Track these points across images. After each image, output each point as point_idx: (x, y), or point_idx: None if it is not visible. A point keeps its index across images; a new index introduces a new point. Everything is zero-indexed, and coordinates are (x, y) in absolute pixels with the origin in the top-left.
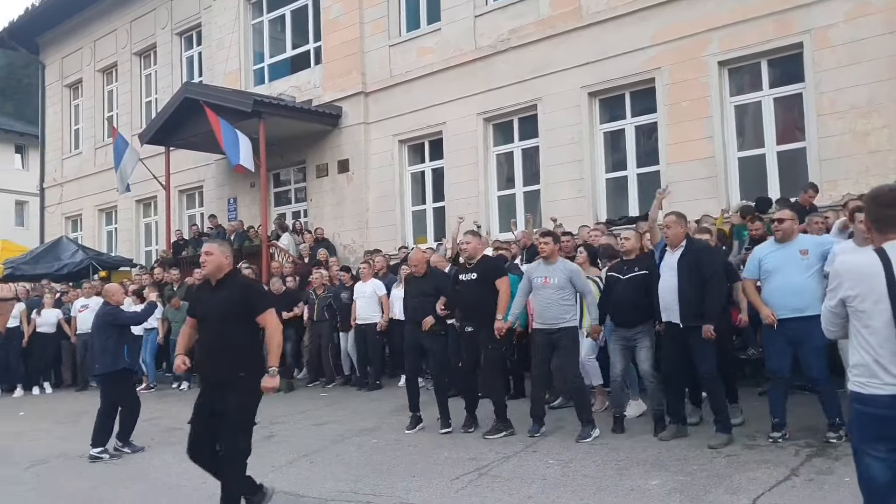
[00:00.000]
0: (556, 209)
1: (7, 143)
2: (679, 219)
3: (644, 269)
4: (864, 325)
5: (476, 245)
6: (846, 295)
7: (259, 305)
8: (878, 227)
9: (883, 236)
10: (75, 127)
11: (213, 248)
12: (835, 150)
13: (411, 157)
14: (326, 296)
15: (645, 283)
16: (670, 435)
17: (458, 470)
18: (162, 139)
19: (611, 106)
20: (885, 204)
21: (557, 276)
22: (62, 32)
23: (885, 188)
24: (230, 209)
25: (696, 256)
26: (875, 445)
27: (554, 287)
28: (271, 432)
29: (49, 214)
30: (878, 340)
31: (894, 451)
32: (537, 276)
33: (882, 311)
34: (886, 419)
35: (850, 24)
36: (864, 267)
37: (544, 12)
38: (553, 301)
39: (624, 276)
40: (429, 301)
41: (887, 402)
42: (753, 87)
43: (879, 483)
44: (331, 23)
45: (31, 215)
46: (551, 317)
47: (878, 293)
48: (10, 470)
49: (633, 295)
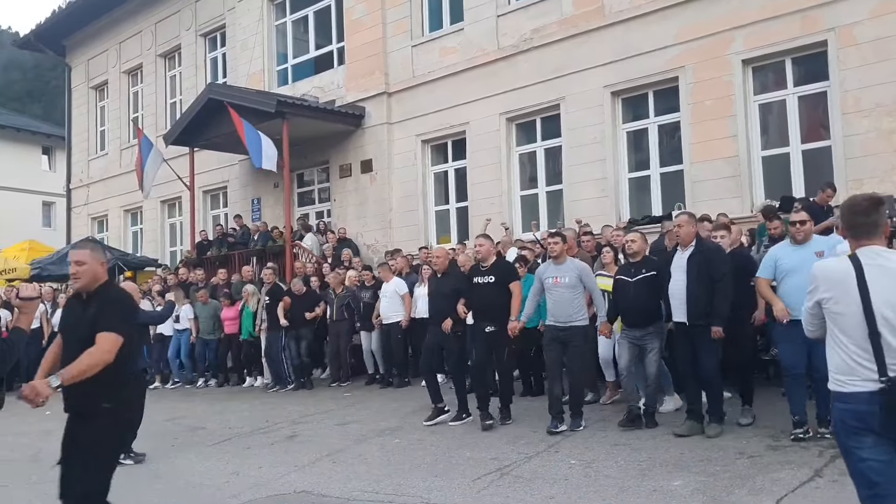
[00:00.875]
0: (578, 209)
1: (34, 144)
2: (691, 219)
3: (652, 271)
4: (839, 326)
5: (489, 248)
6: (822, 297)
7: (104, 322)
8: (853, 234)
9: (857, 242)
10: (101, 128)
11: (84, 257)
12: (860, 148)
13: (434, 156)
14: (345, 295)
15: (654, 285)
16: (687, 430)
17: (479, 470)
18: (186, 140)
19: (634, 105)
20: (859, 213)
21: (568, 275)
22: (88, 34)
23: (860, 198)
24: (254, 209)
25: (706, 257)
26: (860, 441)
27: (565, 286)
28: (294, 432)
29: (75, 215)
30: (853, 341)
31: (879, 444)
32: (549, 276)
33: (854, 313)
34: (867, 414)
35: (876, 21)
36: (839, 272)
37: (567, 11)
38: (565, 300)
39: (632, 278)
40: (447, 301)
41: (866, 399)
42: (778, 86)
43: (870, 477)
44: (354, 23)
45: (57, 216)
46: (563, 315)
47: (850, 296)
48: (38, 468)
49: (642, 297)
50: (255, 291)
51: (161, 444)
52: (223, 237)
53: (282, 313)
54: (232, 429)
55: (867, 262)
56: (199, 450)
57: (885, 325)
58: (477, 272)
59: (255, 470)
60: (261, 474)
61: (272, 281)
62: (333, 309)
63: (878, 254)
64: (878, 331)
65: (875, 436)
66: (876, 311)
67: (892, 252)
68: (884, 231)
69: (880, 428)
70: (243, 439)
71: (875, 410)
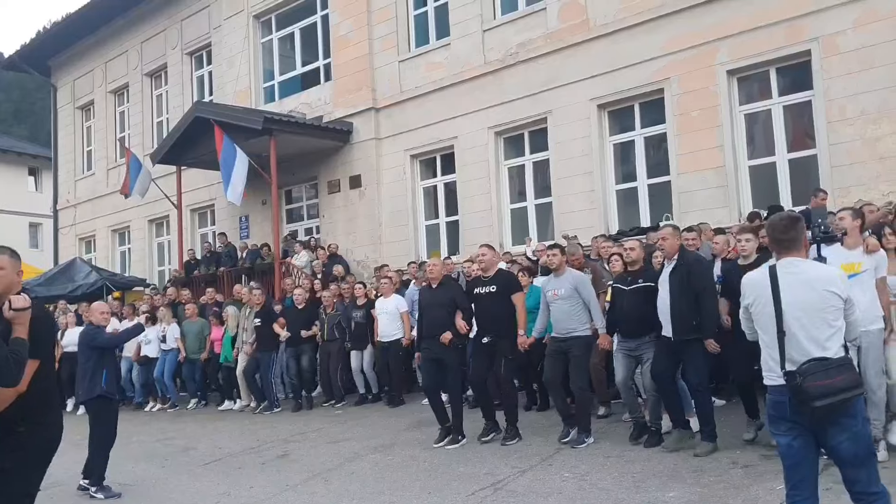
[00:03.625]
0: (568, 221)
1: (20, 165)
2: (675, 231)
3: (649, 281)
4: (760, 327)
5: (492, 258)
6: (747, 303)
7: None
8: (774, 248)
9: (778, 255)
10: (88, 148)
11: (3, 262)
12: (845, 156)
13: (423, 171)
14: (336, 314)
15: (650, 295)
16: (674, 444)
17: (473, 485)
18: (173, 158)
19: (620, 117)
20: (779, 231)
21: (565, 287)
22: (73, 55)
23: (781, 217)
24: (242, 227)
25: (688, 269)
26: (777, 427)
27: (563, 298)
28: (285, 451)
29: (62, 236)
30: (769, 340)
31: (791, 429)
32: (549, 289)
33: (769, 314)
34: (780, 403)
35: (859, 30)
36: (759, 280)
37: (552, 25)
38: (564, 312)
39: (628, 287)
40: (444, 312)
41: (780, 390)
42: (763, 96)
43: (787, 455)
44: (340, 39)
45: (44, 237)
46: (563, 328)
47: (765, 299)
48: None
49: (637, 307)
50: (235, 314)
51: (151, 465)
52: (211, 255)
53: (280, 331)
54: (222, 449)
55: (782, 272)
56: (190, 470)
57: (794, 325)
58: (478, 282)
59: (246, 490)
60: (252, 494)
61: (261, 302)
62: (325, 328)
63: (791, 264)
64: (783, 329)
65: (788, 423)
66: (786, 312)
67: (804, 262)
68: (802, 244)
69: (791, 416)
70: (234, 459)
71: (784, 401)
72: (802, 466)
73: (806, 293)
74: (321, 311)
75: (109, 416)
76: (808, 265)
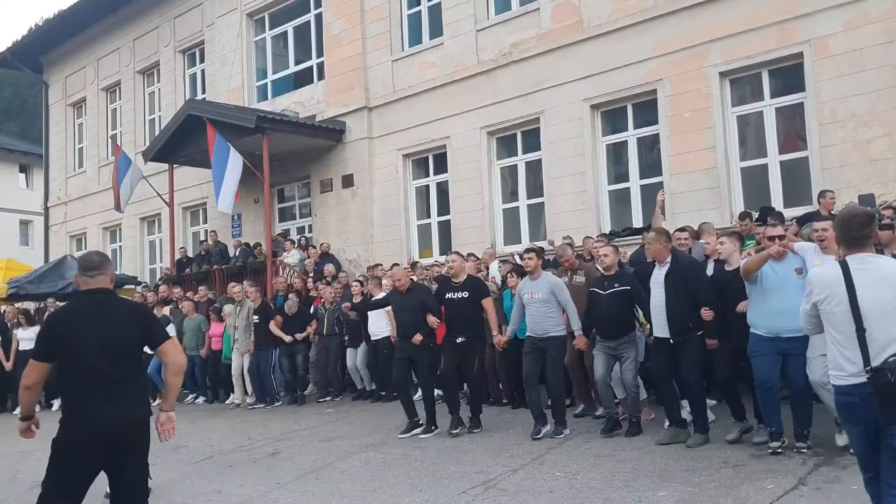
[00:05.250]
0: (559, 221)
1: (11, 162)
2: (658, 236)
3: (626, 285)
4: (831, 324)
5: (461, 265)
6: (817, 299)
7: None
8: (847, 244)
9: (848, 251)
10: (79, 146)
11: None
12: (836, 158)
13: (415, 171)
14: (334, 310)
15: (626, 298)
16: (668, 438)
17: (464, 484)
18: (165, 156)
19: (613, 118)
20: (854, 228)
21: (541, 290)
22: (65, 52)
23: (857, 212)
24: (234, 226)
25: (683, 272)
26: (849, 427)
27: (539, 302)
28: (277, 449)
29: (53, 233)
30: (842, 338)
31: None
32: (525, 292)
33: (845, 313)
34: (850, 405)
35: (850, 33)
36: (831, 277)
37: (546, 26)
38: (540, 314)
39: (605, 291)
40: (415, 315)
41: (849, 391)
42: (755, 97)
43: (861, 454)
44: (333, 38)
45: (35, 234)
46: (539, 329)
47: (839, 297)
48: (14, 490)
49: (615, 309)
50: (232, 312)
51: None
52: (205, 254)
53: (276, 330)
54: (213, 447)
55: (854, 267)
56: (181, 468)
57: (871, 322)
58: (449, 287)
59: (237, 488)
60: (243, 492)
61: (258, 300)
62: (324, 324)
63: (864, 260)
64: (863, 327)
65: (861, 424)
66: (862, 309)
67: (877, 257)
68: (873, 241)
69: (862, 414)
70: (225, 457)
71: (856, 401)
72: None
73: (881, 290)
74: (320, 307)
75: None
76: (881, 261)
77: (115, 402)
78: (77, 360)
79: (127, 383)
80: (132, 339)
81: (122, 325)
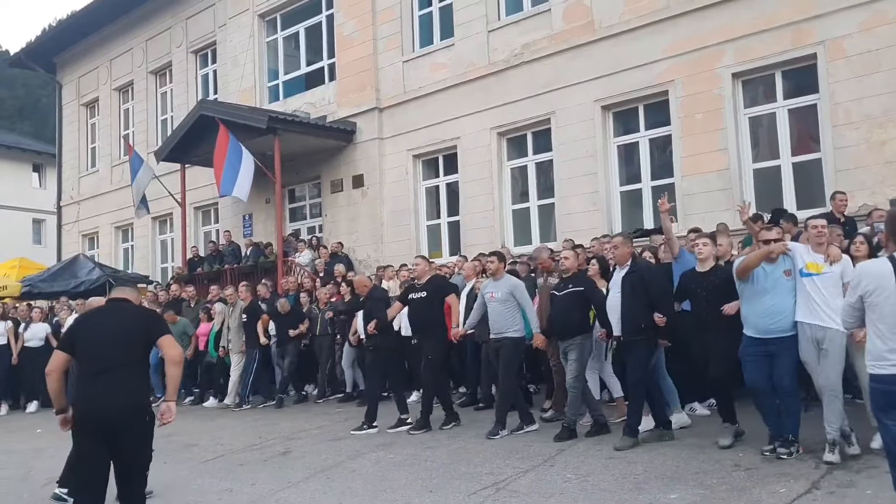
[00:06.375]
0: (570, 222)
1: (25, 162)
2: (626, 240)
3: (580, 287)
4: (877, 315)
5: (424, 267)
6: (864, 291)
7: None
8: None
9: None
10: (92, 145)
11: None
12: (850, 160)
13: (426, 171)
14: (327, 310)
15: (580, 299)
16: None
17: (475, 485)
18: (177, 156)
19: (624, 119)
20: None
21: (501, 290)
22: (79, 52)
23: None
24: (245, 225)
25: (641, 275)
26: (888, 413)
27: (499, 301)
28: (287, 448)
29: (66, 232)
30: (888, 328)
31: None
32: (487, 291)
33: (891, 305)
34: (891, 393)
35: (866, 34)
36: (880, 271)
37: (557, 27)
38: (498, 313)
39: (560, 292)
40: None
41: (891, 380)
42: (768, 99)
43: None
44: (345, 39)
45: (48, 233)
46: (497, 326)
47: (888, 290)
48: (28, 486)
49: (566, 310)
50: (222, 310)
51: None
52: (215, 253)
53: (261, 330)
54: (224, 445)
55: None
56: (192, 466)
57: None
58: (412, 289)
59: (248, 486)
60: (254, 491)
61: (248, 299)
62: (318, 324)
63: None
64: None
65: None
66: None
67: None
68: None
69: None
70: (236, 456)
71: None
72: None
73: None
74: (313, 307)
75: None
76: None
77: (114, 388)
78: (89, 350)
79: (128, 374)
80: (138, 335)
81: (130, 324)
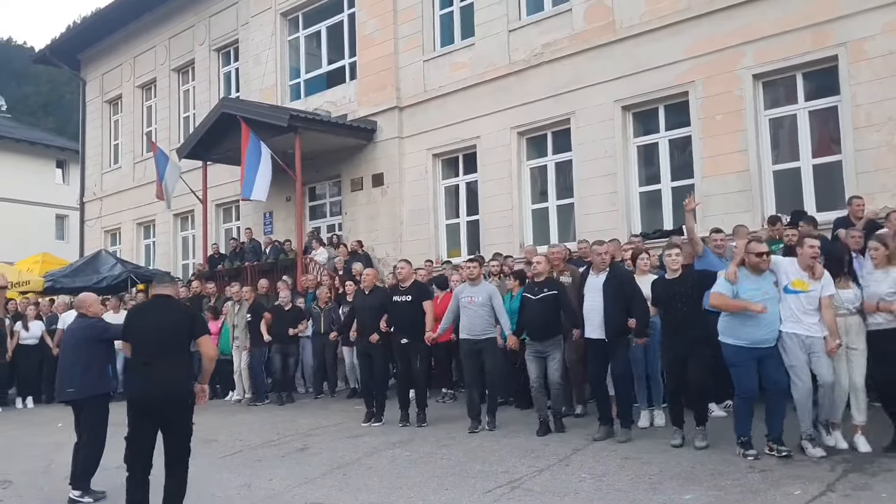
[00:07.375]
0: (589, 223)
1: (48, 158)
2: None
3: (553, 290)
4: None
5: (409, 271)
6: None
7: None
8: None
9: None
10: (115, 142)
11: None
12: (871, 163)
13: (445, 170)
14: (329, 309)
15: (555, 302)
16: (602, 435)
17: (490, 483)
18: (199, 154)
19: (644, 119)
20: None
21: (480, 295)
22: (103, 49)
23: None
24: (266, 223)
25: (620, 281)
26: None
27: (477, 305)
28: (305, 444)
29: (89, 228)
30: None
31: None
32: (465, 296)
33: None
34: None
35: (888, 35)
36: None
37: (578, 27)
38: (478, 317)
39: (535, 296)
40: (374, 314)
41: None
42: (788, 100)
43: None
44: (366, 38)
45: (71, 229)
46: (477, 329)
47: None
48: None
49: (543, 313)
50: (231, 310)
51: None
52: (237, 250)
53: (264, 328)
54: (243, 441)
55: None
56: (211, 461)
57: None
58: (397, 291)
59: (266, 482)
60: (272, 486)
61: (251, 298)
62: (321, 323)
63: None
64: None
65: None
66: None
67: None
68: None
69: None
70: (254, 451)
71: None
72: None
73: None
74: (314, 306)
75: (106, 414)
76: None
77: (160, 376)
78: (140, 341)
79: (172, 363)
80: (181, 329)
81: (174, 319)
